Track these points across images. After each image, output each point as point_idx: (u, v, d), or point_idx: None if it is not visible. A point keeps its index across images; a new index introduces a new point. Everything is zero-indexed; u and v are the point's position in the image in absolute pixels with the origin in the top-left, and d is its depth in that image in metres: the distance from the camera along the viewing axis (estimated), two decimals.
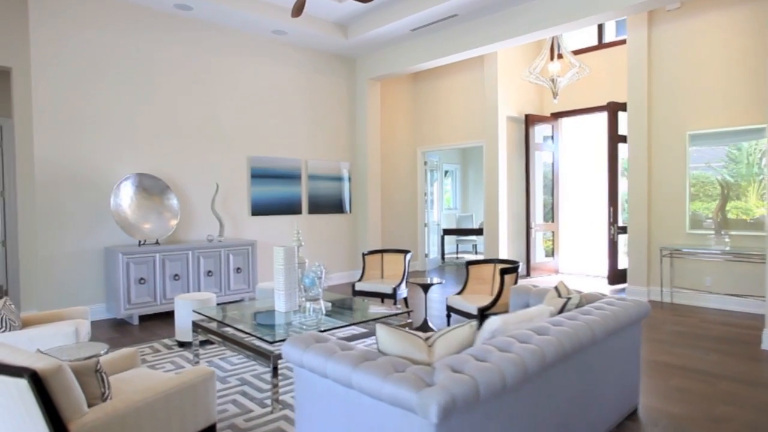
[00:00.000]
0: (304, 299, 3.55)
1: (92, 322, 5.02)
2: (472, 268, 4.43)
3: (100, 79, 5.14)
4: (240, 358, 3.78)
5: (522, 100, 7.66)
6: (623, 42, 7.04)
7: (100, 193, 5.16)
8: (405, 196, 8.26)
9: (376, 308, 3.62)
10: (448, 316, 4.33)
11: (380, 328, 1.86)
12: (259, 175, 6.37)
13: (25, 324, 3.36)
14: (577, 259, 8.22)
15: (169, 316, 5.27)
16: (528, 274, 7.63)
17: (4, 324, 3.00)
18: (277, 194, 6.56)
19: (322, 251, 7.09)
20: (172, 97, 5.62)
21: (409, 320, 3.56)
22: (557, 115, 7.86)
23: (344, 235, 7.39)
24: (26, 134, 4.80)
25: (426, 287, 4.61)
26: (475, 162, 11.56)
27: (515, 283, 3.97)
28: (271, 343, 2.78)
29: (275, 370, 2.76)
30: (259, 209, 6.39)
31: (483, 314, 3.86)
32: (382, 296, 4.84)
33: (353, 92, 7.43)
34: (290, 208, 6.70)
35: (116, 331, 4.70)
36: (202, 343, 4.09)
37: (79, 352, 2.60)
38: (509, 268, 3.93)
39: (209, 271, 5.44)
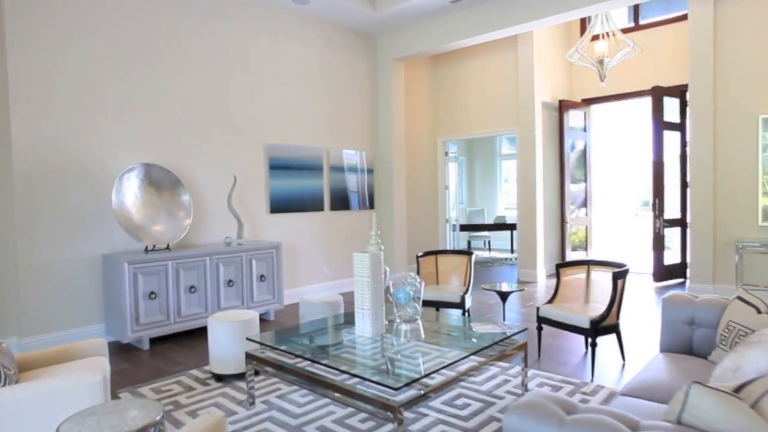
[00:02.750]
0: (397, 320, 2.80)
1: None
2: (562, 271, 3.78)
3: (94, 49, 4.15)
4: (306, 395, 2.98)
5: (553, 85, 7.08)
6: (662, 23, 6.57)
7: (97, 188, 4.19)
8: (424, 189, 7.55)
9: (480, 326, 2.90)
10: (539, 329, 3.66)
11: (699, 392, 1.15)
12: (277, 167, 5.50)
13: (23, 368, 2.45)
14: (609, 254, 7.76)
15: (185, 337, 4.37)
16: None
17: None
18: (297, 188, 5.71)
19: (347, 253, 6.29)
20: (179, 74, 4.68)
21: (522, 340, 2.86)
22: (589, 102, 7.34)
23: (368, 233, 6.61)
24: (0, 116, 3.78)
25: (504, 295, 3.93)
26: (483, 153, 10.98)
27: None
28: (395, 389, 2.01)
29: (400, 424, 1.99)
30: (279, 206, 5.53)
31: (597, 329, 3.21)
32: (443, 305, 4.13)
33: (374, 74, 6.64)
34: (312, 204, 5.86)
35: (124, 359, 3.78)
36: (241, 375, 3.26)
37: (123, 421, 1.75)
38: (621, 272, 3.30)
39: (230, 281, 4.56)
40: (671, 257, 6.53)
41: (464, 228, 9.05)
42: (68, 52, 4.03)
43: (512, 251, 9.68)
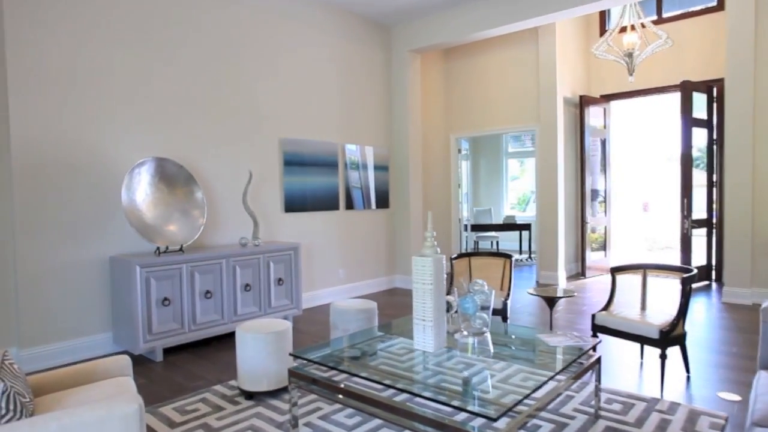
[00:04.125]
0: (463, 332, 2.48)
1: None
2: (619, 276, 3.51)
3: (100, 35, 3.76)
4: (352, 416, 2.65)
5: (573, 80, 6.84)
6: (686, 16, 6.36)
7: (103, 184, 3.80)
8: (436, 188, 7.25)
9: (550, 337, 2.60)
10: (594, 337, 3.38)
11: None
12: (292, 163, 5.15)
13: (38, 392, 2.08)
14: (629, 256, 7.56)
15: (201, 347, 4.00)
16: (583, 274, 6.85)
17: (11, 405, 1.73)
18: (311, 186, 5.36)
19: (362, 254, 5.96)
20: (189, 62, 4.30)
21: (597, 354, 2.57)
22: (608, 98, 7.12)
23: (384, 234, 6.29)
24: None
25: (552, 301, 3.64)
26: (488, 151, 10.72)
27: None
28: (493, 420, 1.70)
29: None
30: (293, 204, 5.17)
31: (666, 339, 2.94)
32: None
33: (389, 66, 6.31)
34: (327, 202, 5.52)
35: (137, 372, 3.40)
36: (274, 392, 2.91)
37: None
38: (690, 277, 3.04)
39: (246, 285, 4.20)
40: (697, 259, 6.33)
41: (475, 228, 8.78)
42: (72, 37, 3.63)
43: (521, 252, 9.45)
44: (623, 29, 5.89)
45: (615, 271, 3.55)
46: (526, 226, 9.01)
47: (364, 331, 2.91)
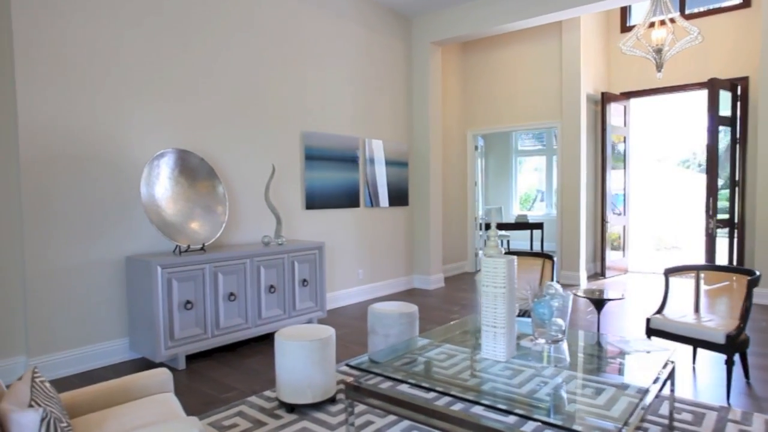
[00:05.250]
0: (538, 339, 2.27)
1: (111, 367, 3.41)
2: (673, 277, 3.33)
3: (116, 17, 3.48)
4: (410, 430, 2.42)
5: (595, 76, 6.68)
6: (710, 13, 6.23)
7: (117, 178, 3.52)
8: (453, 185, 7.04)
9: (624, 344, 2.40)
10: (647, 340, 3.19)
11: None
12: (313, 157, 4.90)
13: (73, 413, 1.82)
14: (647, 256, 7.43)
15: (224, 353, 3.74)
16: (602, 274, 6.70)
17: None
18: (331, 181, 5.11)
19: (381, 254, 5.73)
20: (207, 47, 4.03)
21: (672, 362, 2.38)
22: (628, 95, 6.97)
23: (402, 233, 6.06)
24: (2, 89, 3.08)
25: (601, 303, 3.45)
26: (498, 149, 10.55)
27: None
28: None
29: None
30: (314, 201, 4.93)
31: (734, 344, 2.76)
32: (521, 315, 3.62)
33: (409, 59, 6.09)
34: (347, 199, 5.28)
35: None
36: (318, 405, 2.67)
37: None
38: (755, 279, 2.86)
39: (271, 286, 3.95)
40: (719, 260, 6.20)
41: (487, 227, 8.60)
42: (86, 18, 3.35)
43: (531, 251, 9.28)
44: (651, 24, 5.74)
45: (669, 272, 3.36)
46: (538, 225, 8.85)
47: (414, 339, 2.68)
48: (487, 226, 8.68)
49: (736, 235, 6.32)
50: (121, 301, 3.55)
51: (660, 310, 3.27)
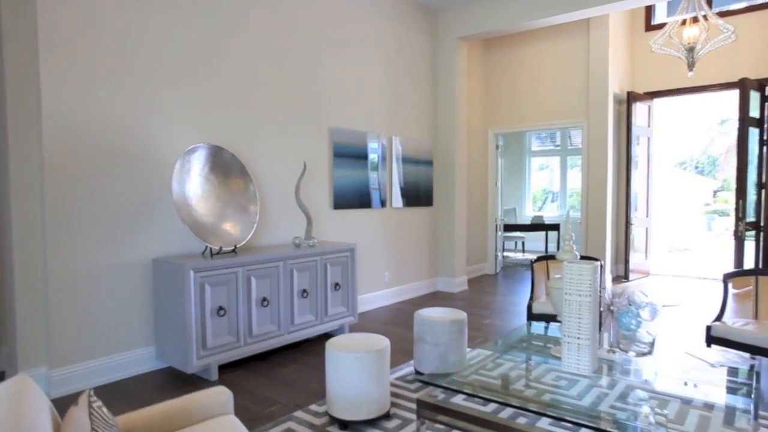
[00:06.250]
0: (620, 352, 2.09)
1: (137, 378, 3.19)
2: (735, 282, 3.16)
3: (146, 7, 3.26)
4: None
5: (621, 75, 6.52)
6: (737, 12, 6.09)
7: (144, 174, 3.30)
8: (473, 185, 6.85)
9: (707, 355, 2.22)
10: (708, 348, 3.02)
11: None
12: (341, 155, 4.70)
13: None
14: (668, 258, 7.29)
15: (256, 362, 3.53)
16: (626, 277, 6.55)
17: None
18: (360, 180, 4.91)
19: (407, 255, 5.53)
20: (237, 39, 3.82)
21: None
22: (652, 95, 6.82)
23: (426, 234, 5.87)
24: (25, 77, 2.86)
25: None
26: (510, 148, 10.39)
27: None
28: None
29: None
30: (342, 200, 4.73)
31: None
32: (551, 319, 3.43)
33: (435, 54, 5.90)
34: (374, 199, 5.08)
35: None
36: (373, 421, 2.47)
37: None
38: None
39: (303, 290, 3.74)
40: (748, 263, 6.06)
41: (510, 228, 8.44)
42: (114, 7, 3.13)
43: (546, 252, 9.12)
44: (683, 22, 5.58)
45: (728, 278, 3.19)
46: (554, 227, 8.69)
47: (477, 350, 2.49)
48: (505, 228, 8.51)
49: (762, 237, 6.19)
50: (146, 306, 3.33)
51: (719, 317, 3.09)
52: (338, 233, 4.72)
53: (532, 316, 3.51)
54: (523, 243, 9.38)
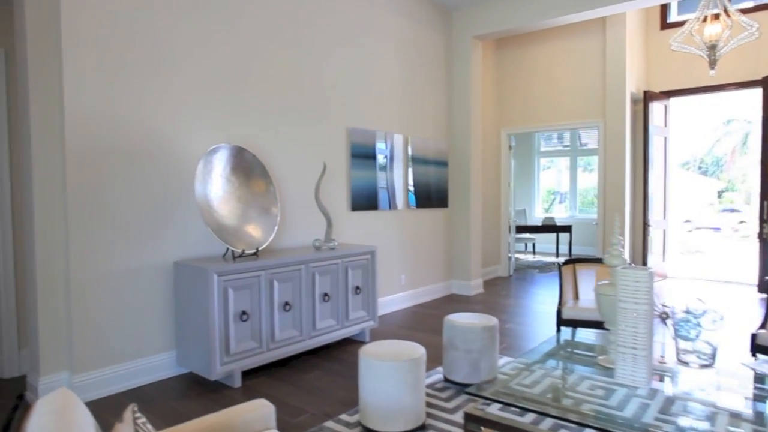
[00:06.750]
0: (680, 363, 2.00)
1: (158, 384, 3.09)
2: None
3: (169, 3, 3.17)
4: None
5: (637, 74, 6.43)
6: (754, 10, 6.01)
7: (166, 174, 3.21)
8: (486, 186, 6.76)
9: (762, 366, 2.13)
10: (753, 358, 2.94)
11: None
12: (358, 155, 4.61)
13: None
14: (683, 261, 7.21)
15: (278, 368, 3.44)
16: None
17: None
18: (376, 181, 4.82)
19: (422, 258, 5.44)
20: (258, 40, 3.73)
21: None
22: (668, 94, 6.74)
23: (441, 236, 5.78)
24: (48, 76, 2.77)
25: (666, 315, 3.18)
26: (519, 149, 10.29)
27: None
28: None
29: None
30: (359, 202, 4.64)
31: None
32: (603, 327, 3.35)
33: (449, 53, 5.81)
34: (390, 200, 4.99)
35: (216, 402, 2.82)
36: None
37: None
38: None
39: (325, 294, 3.65)
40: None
41: (522, 229, 8.35)
42: (138, 4, 3.04)
43: (557, 255, 9.05)
44: (704, 19, 5.49)
45: None
46: (566, 228, 8.61)
47: (517, 359, 2.40)
48: (518, 229, 8.43)
49: None
50: (167, 310, 3.24)
51: (763, 325, 3.01)
52: (355, 235, 4.63)
53: (562, 322, 3.42)
54: (533, 245, 9.30)
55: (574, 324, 3.41)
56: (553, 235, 9.37)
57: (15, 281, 3.24)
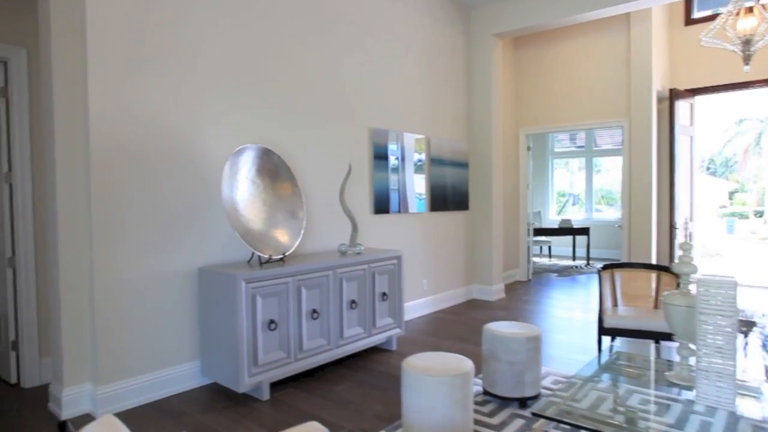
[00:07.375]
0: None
1: (182, 396, 2.94)
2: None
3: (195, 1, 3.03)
4: None
5: (662, 72, 6.27)
6: None
7: (191, 176, 3.06)
8: (505, 188, 6.59)
9: None
10: None
11: None
12: (381, 157, 4.46)
13: None
14: (703, 264, 7.03)
15: (305, 379, 3.28)
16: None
17: None
18: (398, 184, 4.67)
19: (443, 262, 5.28)
20: (284, 41, 3.59)
21: None
22: (693, 92, 6.56)
23: (462, 239, 5.62)
24: (72, 77, 2.62)
25: (750, 326, 3.02)
26: (533, 150, 10.13)
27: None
28: None
29: None
30: (382, 205, 4.48)
31: None
32: (648, 336, 3.18)
33: (468, 52, 5.66)
34: (412, 203, 4.83)
35: (244, 416, 2.66)
36: None
37: None
38: None
39: (352, 301, 3.49)
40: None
41: (540, 232, 8.18)
42: (165, 3, 2.90)
43: (574, 258, 8.87)
44: (737, 13, 5.33)
45: None
46: (584, 231, 8.43)
47: (591, 373, 2.23)
48: (536, 232, 8.25)
49: None
50: (191, 318, 3.09)
51: None
52: (379, 239, 4.47)
53: (604, 331, 3.25)
54: (549, 248, 9.12)
55: (617, 333, 3.24)
56: (569, 238, 9.20)
57: (36, 288, 3.10)
